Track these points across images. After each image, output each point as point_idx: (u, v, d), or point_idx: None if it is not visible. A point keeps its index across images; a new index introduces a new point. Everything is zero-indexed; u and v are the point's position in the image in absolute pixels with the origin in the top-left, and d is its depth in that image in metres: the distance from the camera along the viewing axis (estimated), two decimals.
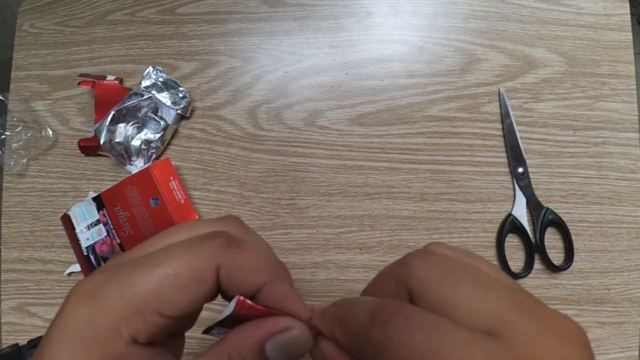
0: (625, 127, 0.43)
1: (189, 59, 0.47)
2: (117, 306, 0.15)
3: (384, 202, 0.43)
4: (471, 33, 0.45)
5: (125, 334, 0.15)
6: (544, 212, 0.41)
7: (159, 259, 0.16)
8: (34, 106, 0.47)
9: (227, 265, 0.16)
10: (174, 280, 0.15)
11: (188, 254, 0.16)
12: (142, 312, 0.15)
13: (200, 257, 0.16)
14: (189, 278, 0.16)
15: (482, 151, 0.43)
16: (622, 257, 0.41)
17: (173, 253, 0.16)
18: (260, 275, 0.17)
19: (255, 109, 0.45)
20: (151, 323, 0.15)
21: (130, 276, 0.16)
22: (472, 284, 0.15)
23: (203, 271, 0.16)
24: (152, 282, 0.15)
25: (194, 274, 0.16)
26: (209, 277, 0.16)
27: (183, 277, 0.16)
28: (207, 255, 0.16)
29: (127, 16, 0.48)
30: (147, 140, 0.43)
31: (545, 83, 0.44)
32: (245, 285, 0.17)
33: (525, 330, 0.13)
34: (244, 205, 0.44)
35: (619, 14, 0.45)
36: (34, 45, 0.49)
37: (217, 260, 0.16)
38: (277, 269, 0.18)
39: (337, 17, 0.46)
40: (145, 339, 0.15)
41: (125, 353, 0.15)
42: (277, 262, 0.18)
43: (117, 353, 0.15)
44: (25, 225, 0.45)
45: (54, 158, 0.46)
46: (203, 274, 0.16)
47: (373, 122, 0.44)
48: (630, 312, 0.41)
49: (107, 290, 0.15)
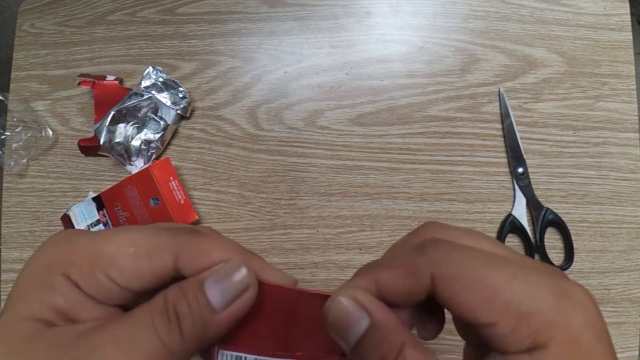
0: (625, 127, 0.43)
1: (189, 59, 0.47)
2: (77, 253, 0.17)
3: (384, 202, 0.43)
4: (471, 33, 0.45)
5: (73, 278, 0.16)
6: (544, 212, 0.41)
7: (129, 228, 0.18)
8: (34, 106, 0.47)
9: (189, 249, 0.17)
10: (131, 248, 0.17)
11: (153, 231, 0.18)
12: (93, 268, 0.16)
13: (162, 237, 0.17)
14: (145, 250, 0.17)
15: (482, 151, 0.43)
16: (622, 257, 0.41)
17: (141, 227, 0.18)
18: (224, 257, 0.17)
19: (255, 109, 0.45)
20: (99, 281, 0.16)
21: (101, 235, 0.17)
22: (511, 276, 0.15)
23: (160, 249, 0.17)
24: (112, 244, 0.17)
25: (151, 248, 0.17)
26: (165, 257, 0.17)
27: (140, 248, 0.17)
28: (168, 237, 0.17)
29: (127, 16, 0.48)
30: (147, 141, 0.43)
31: (545, 83, 0.44)
32: (213, 264, 0.17)
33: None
34: (244, 206, 0.44)
35: (619, 14, 0.45)
36: (34, 45, 0.49)
37: (178, 246, 0.17)
38: (246, 251, 0.18)
39: (337, 17, 0.46)
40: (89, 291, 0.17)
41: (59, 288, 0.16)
42: (241, 247, 0.19)
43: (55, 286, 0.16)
44: (25, 226, 0.45)
45: (54, 158, 0.46)
46: (159, 252, 0.17)
47: (373, 122, 0.44)
48: (630, 312, 0.41)
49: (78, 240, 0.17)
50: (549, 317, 0.14)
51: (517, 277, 0.14)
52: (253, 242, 0.43)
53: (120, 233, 0.17)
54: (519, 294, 0.14)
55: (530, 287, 0.14)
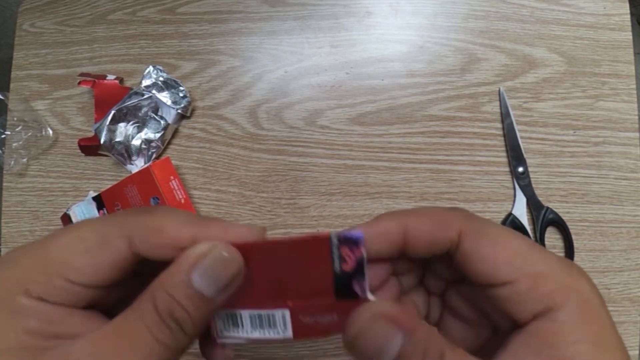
0: (625, 127, 0.43)
1: (190, 58, 0.47)
2: (27, 268, 0.16)
3: (385, 201, 0.43)
4: (471, 33, 0.45)
5: (34, 294, 0.15)
6: (544, 212, 0.41)
7: (72, 226, 0.17)
8: (34, 105, 0.47)
9: (140, 229, 0.16)
10: (80, 245, 0.16)
11: (98, 222, 0.17)
12: (49, 275, 0.15)
13: (109, 225, 0.16)
14: (94, 243, 0.16)
15: (483, 151, 0.43)
16: (622, 257, 0.41)
17: (85, 221, 0.17)
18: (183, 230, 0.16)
19: (255, 108, 0.45)
20: (59, 287, 0.15)
21: (45, 242, 0.16)
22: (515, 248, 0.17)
23: (110, 237, 0.16)
24: (59, 245, 0.16)
25: (100, 240, 0.16)
26: (118, 245, 0.16)
27: (88, 242, 0.16)
28: (116, 223, 0.16)
29: (127, 16, 0.48)
30: (148, 140, 0.43)
31: (545, 83, 0.44)
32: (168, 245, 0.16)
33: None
34: (244, 205, 0.44)
35: (619, 14, 0.45)
36: (34, 45, 0.49)
37: (128, 228, 0.16)
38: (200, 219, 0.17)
39: (338, 16, 0.47)
40: (56, 299, 0.16)
41: (25, 308, 0.15)
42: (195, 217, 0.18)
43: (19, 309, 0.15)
44: (26, 225, 0.45)
45: (54, 157, 0.46)
46: (110, 240, 0.16)
47: (373, 122, 0.44)
48: (630, 311, 0.41)
49: (24, 254, 0.16)
50: (563, 281, 0.15)
51: (535, 247, 0.16)
52: None
53: (66, 232, 0.16)
54: (536, 259, 0.16)
55: (546, 255, 0.16)
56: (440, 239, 0.17)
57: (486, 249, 0.16)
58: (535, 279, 0.15)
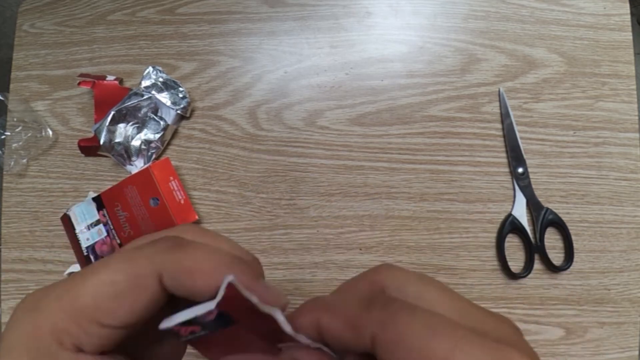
0: (625, 127, 0.43)
1: (189, 59, 0.47)
2: (57, 316, 0.15)
3: (384, 202, 0.43)
4: (471, 33, 0.45)
5: (68, 344, 0.15)
6: (544, 212, 0.41)
7: (97, 267, 0.16)
8: (34, 106, 0.47)
9: (172, 269, 0.16)
10: (111, 289, 0.15)
11: (126, 260, 0.16)
12: (80, 322, 0.15)
13: (138, 264, 0.16)
14: (125, 286, 0.15)
15: (482, 151, 0.43)
16: (622, 257, 0.41)
17: (111, 260, 0.16)
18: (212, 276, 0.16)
19: (255, 109, 0.45)
20: (92, 333, 0.15)
21: (69, 286, 0.15)
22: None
23: (141, 278, 0.15)
24: (88, 291, 0.15)
25: (132, 281, 0.15)
26: (149, 284, 0.15)
27: (119, 285, 0.15)
28: (146, 261, 0.16)
29: (127, 16, 0.48)
30: (147, 141, 0.43)
31: (545, 83, 0.44)
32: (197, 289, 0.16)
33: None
34: (244, 206, 0.44)
35: (619, 14, 0.45)
36: (34, 45, 0.49)
37: (159, 266, 0.16)
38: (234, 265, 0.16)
39: (337, 17, 0.46)
40: (92, 348, 0.15)
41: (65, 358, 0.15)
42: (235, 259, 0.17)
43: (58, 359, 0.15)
44: (25, 225, 0.45)
45: (54, 158, 0.46)
46: (141, 281, 0.15)
47: (373, 122, 0.44)
48: (630, 312, 0.41)
49: (48, 300, 0.15)
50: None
51: (458, 347, 0.14)
52: (253, 242, 0.43)
53: (93, 274, 0.15)
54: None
55: (476, 351, 0.14)
56: (353, 345, 0.15)
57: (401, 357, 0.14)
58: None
